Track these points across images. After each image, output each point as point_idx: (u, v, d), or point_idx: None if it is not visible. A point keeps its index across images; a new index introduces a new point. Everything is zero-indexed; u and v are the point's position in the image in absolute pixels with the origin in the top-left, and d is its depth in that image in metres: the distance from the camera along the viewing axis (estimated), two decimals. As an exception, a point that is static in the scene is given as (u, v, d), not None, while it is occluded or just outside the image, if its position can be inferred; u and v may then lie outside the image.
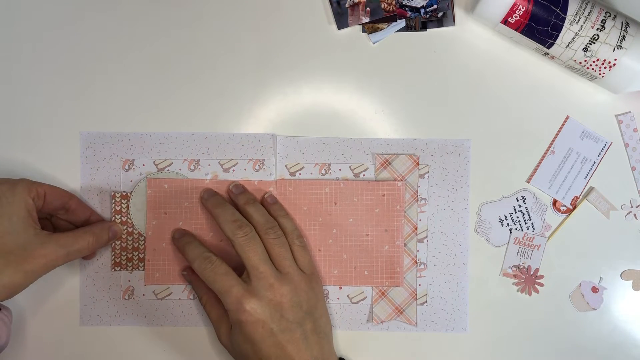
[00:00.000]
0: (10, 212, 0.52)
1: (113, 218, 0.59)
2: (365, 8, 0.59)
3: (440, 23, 0.60)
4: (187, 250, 0.57)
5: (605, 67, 0.55)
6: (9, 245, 0.52)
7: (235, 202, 0.58)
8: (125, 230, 0.60)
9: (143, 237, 0.60)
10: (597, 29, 0.55)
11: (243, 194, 0.59)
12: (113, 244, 0.60)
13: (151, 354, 0.60)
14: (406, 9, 0.59)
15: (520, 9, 0.55)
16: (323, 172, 0.60)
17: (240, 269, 0.55)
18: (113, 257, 0.60)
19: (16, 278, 0.51)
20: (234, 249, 0.55)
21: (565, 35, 0.55)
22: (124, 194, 0.59)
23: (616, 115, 0.60)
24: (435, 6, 0.59)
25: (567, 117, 0.60)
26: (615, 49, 0.55)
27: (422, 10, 0.59)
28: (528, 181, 0.60)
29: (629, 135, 0.60)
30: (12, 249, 0.52)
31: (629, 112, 0.60)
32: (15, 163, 0.60)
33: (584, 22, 0.55)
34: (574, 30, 0.55)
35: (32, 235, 0.53)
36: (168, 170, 0.60)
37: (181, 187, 0.60)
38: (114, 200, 0.59)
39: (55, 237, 0.54)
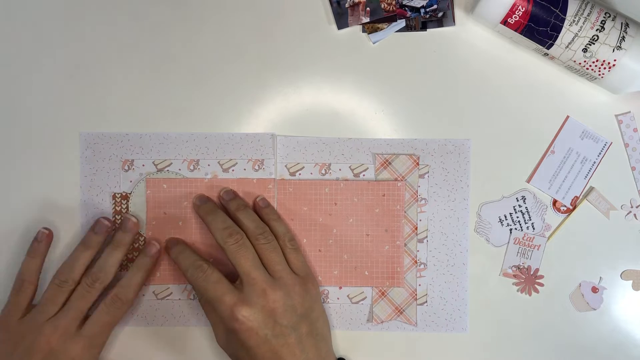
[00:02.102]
0: None
1: (113, 218, 0.59)
2: (365, 8, 0.59)
3: (440, 23, 0.60)
4: (180, 260, 0.57)
5: (604, 68, 0.55)
6: None
7: (226, 209, 0.58)
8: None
9: (143, 237, 0.60)
10: (597, 30, 0.54)
11: (234, 200, 0.58)
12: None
13: (151, 354, 0.60)
14: (406, 9, 0.59)
15: (519, 10, 0.55)
16: (323, 172, 0.60)
17: (236, 274, 0.55)
18: (113, 257, 0.60)
19: None
20: (227, 257, 0.55)
21: (565, 35, 0.55)
22: (123, 194, 0.60)
23: (616, 115, 0.60)
24: (435, 6, 0.59)
25: (567, 117, 0.60)
26: (615, 49, 0.55)
27: (422, 10, 0.59)
28: (528, 181, 0.60)
29: (629, 135, 0.60)
30: None
31: (629, 112, 0.60)
32: (16, 163, 0.60)
33: (583, 23, 0.54)
34: (574, 30, 0.55)
35: None
36: (168, 170, 0.60)
37: (180, 186, 0.60)
38: (114, 201, 0.59)
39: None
